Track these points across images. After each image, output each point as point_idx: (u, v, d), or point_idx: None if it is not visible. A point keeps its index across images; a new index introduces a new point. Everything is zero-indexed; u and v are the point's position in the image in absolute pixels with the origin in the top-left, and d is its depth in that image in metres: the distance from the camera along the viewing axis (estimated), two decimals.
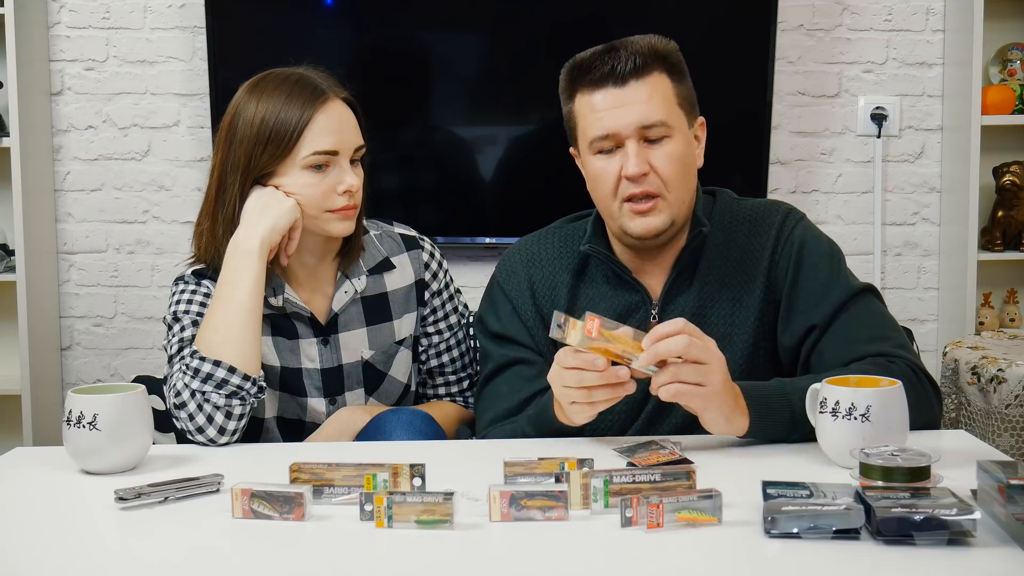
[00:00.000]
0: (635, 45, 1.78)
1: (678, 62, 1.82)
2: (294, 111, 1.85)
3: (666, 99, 1.78)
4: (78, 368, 3.58)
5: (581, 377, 1.57)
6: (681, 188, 1.80)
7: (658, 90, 1.77)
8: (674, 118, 1.78)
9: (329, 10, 3.42)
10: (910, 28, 3.50)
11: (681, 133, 1.79)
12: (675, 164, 1.78)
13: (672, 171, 1.78)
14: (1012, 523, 1.22)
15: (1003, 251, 3.44)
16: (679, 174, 1.79)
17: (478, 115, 3.45)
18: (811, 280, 1.83)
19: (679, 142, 1.79)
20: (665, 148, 1.77)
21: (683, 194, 1.81)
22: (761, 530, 1.28)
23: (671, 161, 1.77)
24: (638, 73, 1.76)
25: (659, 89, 1.78)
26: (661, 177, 1.78)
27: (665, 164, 1.77)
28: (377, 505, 1.32)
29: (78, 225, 3.53)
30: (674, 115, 1.79)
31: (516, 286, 1.92)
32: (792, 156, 3.52)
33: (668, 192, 1.78)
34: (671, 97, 1.79)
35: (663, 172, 1.77)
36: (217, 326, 1.79)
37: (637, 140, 1.76)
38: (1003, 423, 2.62)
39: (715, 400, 1.58)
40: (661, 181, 1.78)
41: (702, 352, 1.56)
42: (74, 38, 3.47)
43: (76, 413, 1.56)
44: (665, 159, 1.77)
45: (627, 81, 1.76)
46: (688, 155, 1.81)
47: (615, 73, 1.76)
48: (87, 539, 1.36)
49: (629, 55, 1.76)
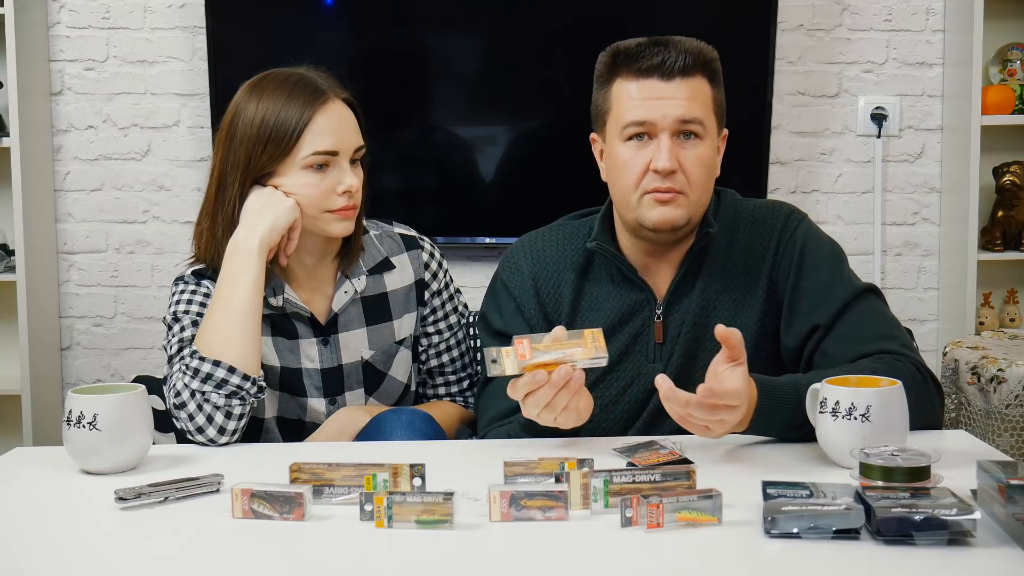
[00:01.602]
0: (684, 45, 1.80)
1: (718, 71, 1.84)
2: (294, 111, 1.85)
3: (705, 103, 1.81)
4: (78, 368, 3.58)
5: (537, 399, 1.58)
6: (703, 191, 1.82)
7: (700, 92, 1.80)
8: (709, 122, 1.81)
9: (329, 10, 3.42)
10: (910, 28, 3.50)
11: (711, 138, 1.82)
12: (702, 166, 1.80)
13: (698, 172, 1.80)
14: (1012, 523, 1.22)
15: (1003, 251, 3.44)
16: (704, 177, 1.81)
17: (478, 115, 3.45)
18: (814, 280, 1.83)
19: (708, 146, 1.81)
20: (696, 149, 1.80)
21: (703, 197, 1.83)
22: (761, 530, 1.28)
23: (699, 163, 1.80)
24: (685, 72, 1.79)
25: (701, 92, 1.80)
26: (688, 176, 1.79)
27: (694, 164, 1.79)
28: (377, 505, 1.32)
29: (78, 225, 3.53)
30: (709, 119, 1.81)
31: (520, 283, 1.92)
32: (792, 156, 3.52)
33: (691, 192, 1.80)
34: (709, 103, 1.81)
35: (690, 172, 1.79)
36: (217, 326, 1.79)
37: (671, 135, 1.78)
38: (1003, 423, 2.62)
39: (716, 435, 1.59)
40: (687, 180, 1.79)
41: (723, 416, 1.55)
42: (74, 38, 3.47)
43: (76, 413, 1.56)
44: (695, 160, 1.79)
45: (674, 77, 1.78)
46: (713, 161, 1.83)
47: (664, 66, 1.78)
48: (87, 539, 1.36)
49: (679, 53, 1.79)
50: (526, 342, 1.56)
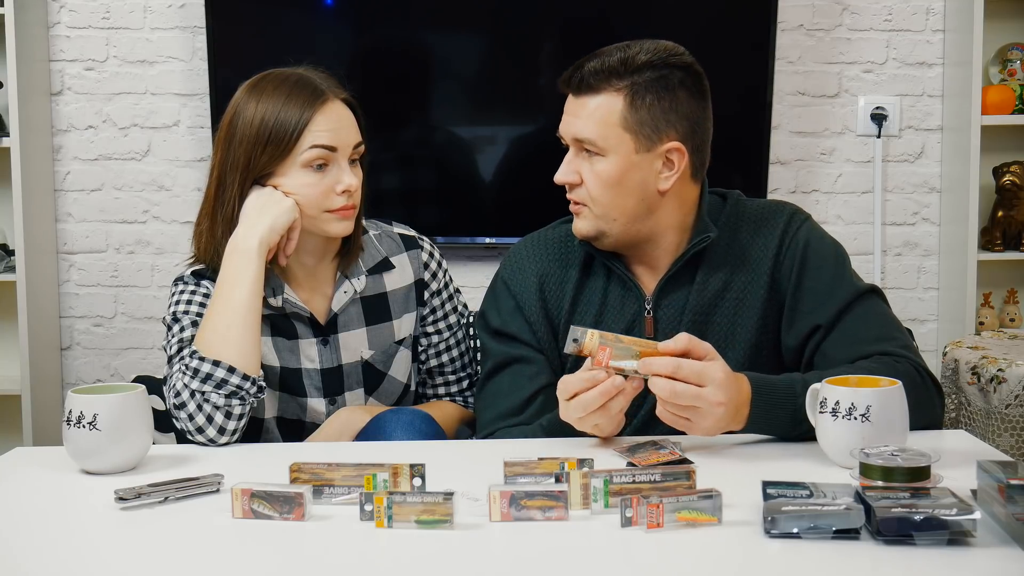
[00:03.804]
0: (612, 57, 1.78)
1: (651, 81, 1.77)
2: (293, 111, 1.85)
3: (606, 120, 1.77)
4: (78, 368, 3.58)
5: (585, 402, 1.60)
6: (609, 205, 1.80)
7: (601, 109, 1.77)
8: (611, 139, 1.77)
9: (329, 10, 3.42)
10: (910, 28, 3.50)
11: (617, 155, 1.78)
12: (600, 183, 1.79)
13: (596, 189, 1.79)
14: (1012, 523, 1.22)
15: (1003, 251, 3.44)
16: (605, 193, 1.79)
17: (478, 115, 3.45)
18: (816, 280, 1.83)
19: (612, 163, 1.78)
20: (596, 165, 1.79)
21: (612, 211, 1.80)
22: (761, 530, 1.28)
23: (596, 179, 1.79)
24: (589, 89, 1.78)
25: (603, 108, 1.77)
26: (588, 190, 1.80)
27: (590, 180, 1.80)
28: (377, 505, 1.32)
29: (78, 225, 3.53)
30: (612, 137, 1.77)
31: (523, 282, 1.92)
32: (792, 156, 3.52)
33: (594, 206, 1.81)
34: (614, 119, 1.77)
35: (589, 186, 1.80)
36: (216, 326, 1.79)
37: (576, 150, 1.81)
38: (1003, 423, 2.62)
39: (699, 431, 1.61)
40: (588, 194, 1.80)
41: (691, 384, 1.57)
42: (74, 38, 3.47)
43: (76, 413, 1.56)
44: (591, 175, 1.80)
45: (580, 93, 1.80)
46: (622, 176, 1.78)
47: (572, 81, 1.80)
48: (87, 539, 1.36)
49: (593, 69, 1.78)
50: (609, 350, 1.58)
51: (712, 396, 1.57)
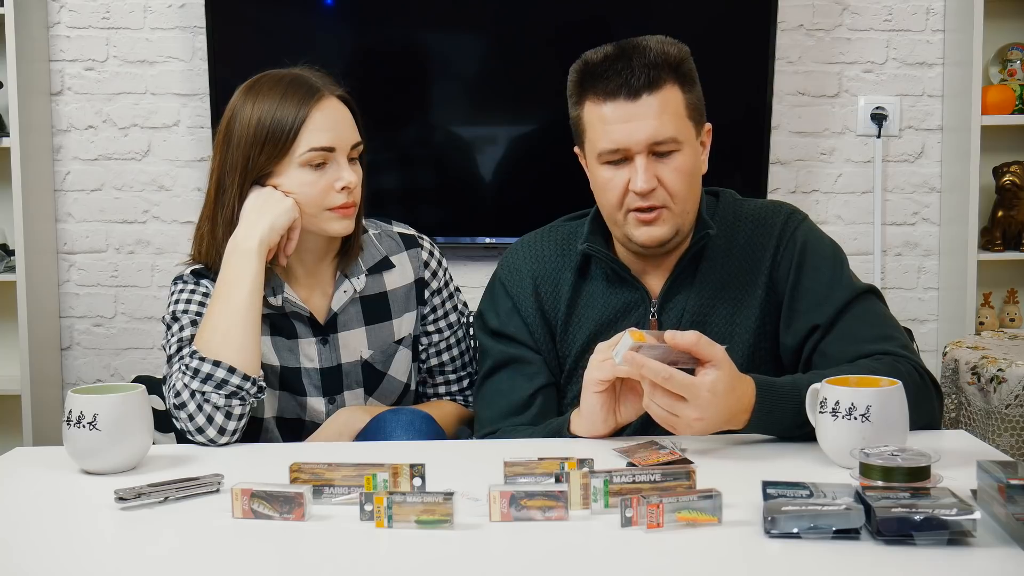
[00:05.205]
0: (649, 54, 1.75)
1: (689, 70, 1.80)
2: (289, 110, 1.85)
3: (677, 113, 1.76)
4: (78, 368, 3.58)
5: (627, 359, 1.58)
6: (687, 199, 1.80)
7: (670, 104, 1.76)
8: (684, 131, 1.78)
9: (329, 10, 3.42)
10: (910, 28, 3.50)
11: (689, 145, 1.79)
12: (683, 177, 1.78)
13: (680, 185, 1.78)
14: (1012, 523, 1.22)
15: (1003, 251, 3.44)
16: (686, 187, 1.79)
17: (478, 115, 3.45)
18: (813, 280, 1.83)
19: (687, 155, 1.78)
20: (674, 162, 1.77)
21: (689, 205, 1.81)
22: (761, 530, 1.28)
23: (679, 175, 1.77)
24: (651, 87, 1.74)
25: (671, 103, 1.76)
26: (669, 191, 1.77)
27: (674, 178, 1.77)
28: (377, 505, 1.32)
29: (78, 225, 3.53)
30: (684, 128, 1.78)
31: (519, 283, 1.92)
32: (792, 156, 3.52)
33: (675, 204, 1.79)
34: (681, 110, 1.77)
35: (671, 186, 1.77)
36: (216, 326, 1.79)
37: (647, 155, 1.75)
38: (1003, 423, 2.62)
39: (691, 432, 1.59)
40: (668, 194, 1.78)
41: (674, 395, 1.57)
42: (74, 38, 3.47)
43: (76, 413, 1.56)
44: (674, 173, 1.77)
45: (639, 95, 1.74)
46: (695, 166, 1.81)
47: (628, 86, 1.74)
48: (87, 539, 1.36)
49: (643, 67, 1.74)
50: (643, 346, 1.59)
51: (690, 412, 1.56)
